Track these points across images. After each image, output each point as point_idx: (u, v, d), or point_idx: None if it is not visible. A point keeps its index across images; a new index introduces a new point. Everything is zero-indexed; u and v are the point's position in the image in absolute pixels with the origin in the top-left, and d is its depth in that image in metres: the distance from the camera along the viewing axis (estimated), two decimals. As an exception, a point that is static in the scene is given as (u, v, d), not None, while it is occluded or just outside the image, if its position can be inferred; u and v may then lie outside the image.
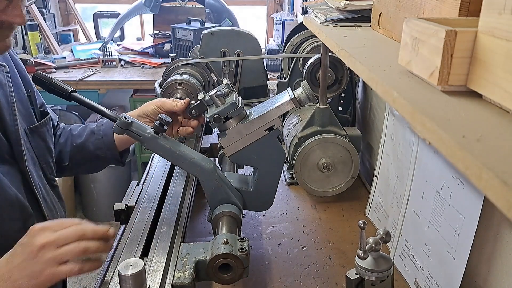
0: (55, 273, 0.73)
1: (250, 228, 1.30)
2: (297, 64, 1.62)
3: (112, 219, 1.06)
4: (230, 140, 0.98)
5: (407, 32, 0.55)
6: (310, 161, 1.35)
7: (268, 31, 3.88)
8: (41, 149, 1.02)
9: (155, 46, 3.35)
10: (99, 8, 3.95)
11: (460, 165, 0.37)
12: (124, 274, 0.68)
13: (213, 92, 0.97)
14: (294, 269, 1.12)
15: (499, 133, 0.40)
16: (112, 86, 2.88)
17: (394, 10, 0.81)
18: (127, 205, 1.04)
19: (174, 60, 1.47)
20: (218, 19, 3.41)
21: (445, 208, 0.93)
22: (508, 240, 0.80)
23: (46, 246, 0.73)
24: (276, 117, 0.97)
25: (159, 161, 1.23)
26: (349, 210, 1.40)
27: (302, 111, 1.52)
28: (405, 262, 1.08)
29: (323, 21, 1.04)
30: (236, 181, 1.05)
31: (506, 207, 0.31)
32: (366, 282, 0.82)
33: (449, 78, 0.47)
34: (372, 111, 1.59)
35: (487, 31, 0.44)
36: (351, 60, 0.71)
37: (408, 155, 1.12)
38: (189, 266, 0.82)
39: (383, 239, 0.82)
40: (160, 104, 1.11)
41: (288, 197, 1.47)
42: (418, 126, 0.45)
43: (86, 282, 2.74)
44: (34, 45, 3.28)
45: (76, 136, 1.15)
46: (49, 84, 1.01)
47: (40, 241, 0.73)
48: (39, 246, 0.72)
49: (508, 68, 0.40)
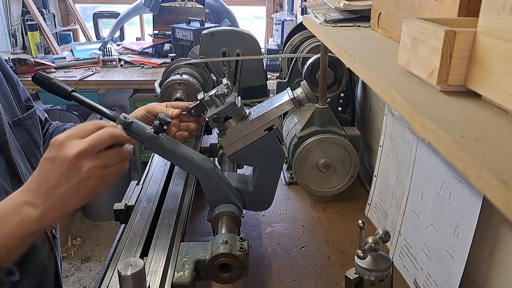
0: (100, 182, 0.68)
1: (250, 227, 1.30)
2: (296, 64, 1.62)
3: (112, 219, 1.06)
4: (229, 140, 0.98)
5: (406, 32, 0.55)
6: (310, 161, 1.35)
7: (268, 31, 3.88)
8: (27, 141, 1.01)
9: (155, 46, 3.35)
10: (99, 8, 3.96)
11: (459, 165, 0.37)
12: (124, 274, 0.68)
13: (212, 92, 0.97)
14: (294, 268, 1.13)
15: (498, 133, 0.40)
16: (112, 86, 2.88)
17: (394, 10, 0.81)
18: (127, 204, 1.04)
19: (174, 60, 1.47)
20: (218, 19, 3.41)
21: (444, 208, 0.93)
22: (507, 239, 0.80)
23: (81, 154, 0.66)
24: (275, 117, 0.97)
25: (159, 161, 1.23)
26: (349, 210, 1.40)
27: (302, 111, 1.52)
28: (404, 262, 1.08)
29: (323, 21, 1.04)
30: (235, 181, 1.05)
31: (505, 207, 0.31)
32: (366, 282, 0.82)
33: (448, 78, 0.47)
34: (372, 111, 1.59)
35: (486, 31, 0.44)
36: (351, 60, 0.71)
37: (407, 155, 1.12)
38: (188, 266, 0.82)
39: (382, 238, 0.82)
40: (149, 109, 1.11)
41: (287, 197, 1.47)
42: (417, 126, 0.45)
43: (86, 282, 2.74)
44: (34, 45, 3.28)
45: None
46: (49, 84, 1.01)
47: (72, 151, 0.65)
48: (74, 156, 0.65)
49: (507, 68, 0.40)
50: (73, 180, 0.66)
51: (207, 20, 3.23)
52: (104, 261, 0.96)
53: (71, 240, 3.08)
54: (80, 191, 0.67)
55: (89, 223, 3.26)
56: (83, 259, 2.93)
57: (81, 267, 2.87)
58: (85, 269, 2.85)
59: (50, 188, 0.66)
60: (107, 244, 3.05)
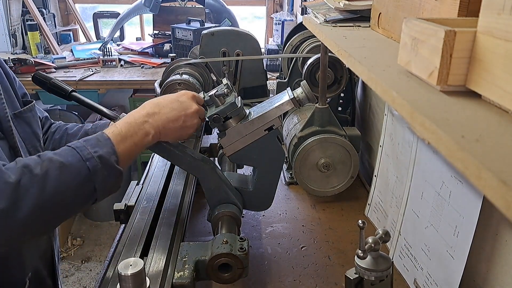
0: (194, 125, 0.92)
1: (250, 227, 1.30)
2: (296, 64, 1.62)
3: (112, 219, 1.06)
4: (229, 140, 0.98)
5: (406, 32, 0.55)
6: (310, 161, 1.35)
7: (268, 31, 3.88)
8: (27, 133, 1.02)
9: (155, 46, 3.35)
10: (99, 8, 3.96)
11: (459, 165, 0.37)
12: (124, 274, 0.68)
13: (212, 92, 0.97)
14: (294, 268, 1.13)
15: (498, 133, 0.40)
16: (112, 86, 2.88)
17: (394, 10, 0.81)
18: (127, 204, 1.04)
19: (174, 60, 1.47)
20: (218, 19, 3.41)
21: (444, 208, 0.93)
22: (507, 239, 0.80)
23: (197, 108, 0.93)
24: (275, 117, 0.97)
25: (159, 161, 1.23)
26: (349, 210, 1.40)
27: (302, 111, 1.52)
28: (404, 262, 1.08)
29: (323, 21, 1.04)
30: (235, 181, 1.05)
31: (505, 207, 0.31)
32: (366, 282, 0.82)
33: (448, 78, 0.47)
34: (372, 111, 1.59)
35: (486, 31, 0.44)
36: (351, 60, 0.71)
37: (407, 155, 1.12)
38: (188, 266, 0.82)
39: (382, 238, 0.82)
40: None
41: (287, 197, 1.47)
42: (417, 126, 0.45)
43: (86, 282, 2.74)
44: (34, 45, 3.28)
45: (71, 135, 1.15)
46: (49, 84, 1.01)
47: (195, 106, 0.93)
48: (196, 109, 0.92)
49: (507, 68, 0.40)
50: (186, 122, 0.91)
51: (207, 20, 3.23)
52: (104, 261, 0.96)
53: (71, 240, 3.08)
54: (184, 129, 0.90)
55: (89, 223, 3.26)
56: (83, 259, 2.93)
57: (81, 267, 2.87)
58: (85, 269, 2.85)
59: (170, 120, 0.88)
60: (107, 244, 3.05)
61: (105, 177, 0.75)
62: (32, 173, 0.70)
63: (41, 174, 0.70)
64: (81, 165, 0.73)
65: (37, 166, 0.71)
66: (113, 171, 0.76)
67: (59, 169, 0.71)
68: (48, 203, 0.69)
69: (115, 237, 1.19)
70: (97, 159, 0.74)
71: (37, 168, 0.71)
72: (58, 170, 0.71)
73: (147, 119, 0.86)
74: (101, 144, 0.77)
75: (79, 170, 0.73)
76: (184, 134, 0.91)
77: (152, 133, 0.85)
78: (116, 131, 0.81)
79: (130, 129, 0.83)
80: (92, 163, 0.74)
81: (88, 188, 0.74)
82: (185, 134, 0.92)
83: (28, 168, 0.70)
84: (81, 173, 0.73)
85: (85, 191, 0.74)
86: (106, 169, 0.75)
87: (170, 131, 0.88)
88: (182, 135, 0.91)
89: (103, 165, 0.74)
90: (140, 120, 0.85)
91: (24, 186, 0.68)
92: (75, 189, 0.72)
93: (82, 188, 0.73)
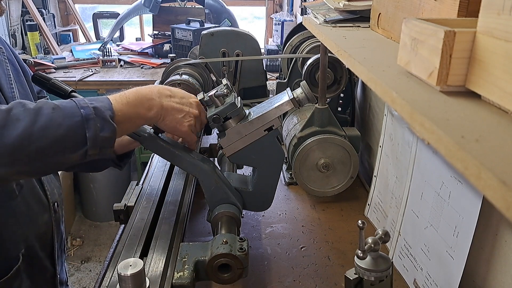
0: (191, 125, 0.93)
1: (250, 228, 1.30)
2: (296, 65, 1.62)
3: (112, 219, 1.06)
4: (229, 140, 0.98)
5: (406, 32, 0.55)
6: (309, 161, 1.35)
7: (268, 31, 3.88)
8: None
9: (154, 46, 3.35)
10: (98, 8, 3.96)
11: (459, 165, 0.37)
12: (124, 274, 0.68)
13: (212, 93, 0.97)
14: (293, 269, 1.13)
15: (498, 133, 0.40)
16: (111, 86, 2.88)
17: (393, 10, 0.81)
18: (127, 205, 1.04)
19: (174, 61, 1.47)
20: (218, 20, 3.41)
21: (444, 208, 0.93)
22: (507, 240, 0.80)
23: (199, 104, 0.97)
24: (275, 117, 0.97)
25: (159, 161, 1.23)
26: (348, 210, 1.40)
27: (301, 111, 1.52)
28: (404, 262, 1.08)
29: (322, 21, 1.04)
30: (235, 181, 1.05)
31: (505, 207, 0.31)
32: (365, 282, 0.82)
33: (448, 78, 0.47)
34: (371, 111, 1.59)
35: (486, 32, 0.44)
36: (350, 61, 0.71)
37: (407, 155, 1.12)
38: (188, 266, 0.82)
39: (382, 239, 0.82)
40: None
41: (287, 197, 1.47)
42: (417, 126, 0.45)
43: (86, 282, 2.74)
44: (34, 45, 3.28)
45: None
46: (48, 84, 1.01)
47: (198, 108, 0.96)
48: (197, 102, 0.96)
49: (507, 69, 0.40)
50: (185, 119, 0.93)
51: (206, 21, 3.23)
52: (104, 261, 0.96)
53: (71, 240, 3.08)
54: (182, 122, 0.92)
55: (89, 223, 3.26)
56: (82, 260, 2.93)
57: (81, 267, 2.87)
58: (85, 270, 2.85)
59: (175, 109, 0.90)
60: (106, 244, 3.05)
61: (98, 129, 0.74)
62: (25, 107, 0.71)
63: (34, 109, 0.71)
64: (75, 111, 0.74)
65: (32, 104, 0.73)
66: (107, 124, 0.76)
67: (53, 109, 0.73)
68: (36, 135, 0.69)
69: (114, 238, 1.19)
70: (92, 109, 0.75)
71: (31, 105, 0.73)
72: (51, 109, 0.73)
73: (156, 98, 0.88)
74: (99, 100, 0.79)
75: (73, 114, 0.73)
76: (178, 128, 0.92)
77: (155, 110, 0.87)
78: (122, 96, 0.84)
79: (137, 99, 0.85)
80: (87, 111, 0.74)
81: (79, 134, 0.73)
82: (179, 129, 0.93)
83: (22, 103, 0.72)
84: (74, 116, 0.73)
85: (76, 136, 0.73)
86: (99, 121, 0.75)
87: (170, 119, 0.90)
88: (177, 128, 0.92)
89: (97, 115, 0.75)
90: (149, 96, 0.87)
91: (15, 116, 0.69)
92: (66, 129, 0.72)
93: (72, 131, 0.73)
